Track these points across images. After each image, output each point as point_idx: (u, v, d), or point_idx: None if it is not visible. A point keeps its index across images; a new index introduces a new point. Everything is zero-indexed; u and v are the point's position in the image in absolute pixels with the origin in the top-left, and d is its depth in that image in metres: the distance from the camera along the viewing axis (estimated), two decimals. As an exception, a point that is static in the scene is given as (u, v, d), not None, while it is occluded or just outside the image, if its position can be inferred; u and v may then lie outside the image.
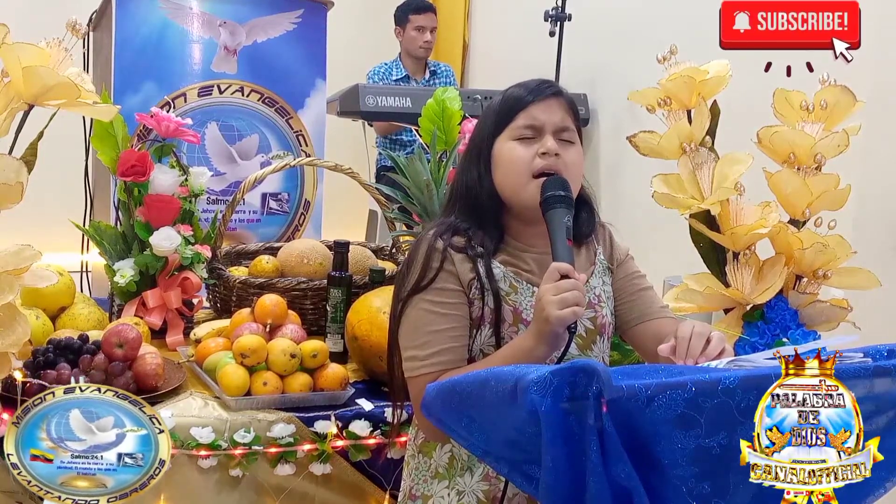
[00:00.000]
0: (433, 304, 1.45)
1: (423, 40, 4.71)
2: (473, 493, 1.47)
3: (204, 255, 2.24)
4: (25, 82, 1.62)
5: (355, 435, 1.83)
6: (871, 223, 2.67)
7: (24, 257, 1.57)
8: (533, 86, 1.50)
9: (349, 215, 4.52)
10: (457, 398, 1.18)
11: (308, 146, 3.04)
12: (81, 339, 1.87)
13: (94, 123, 2.25)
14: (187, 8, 2.86)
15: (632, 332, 1.58)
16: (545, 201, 1.44)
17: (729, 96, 1.97)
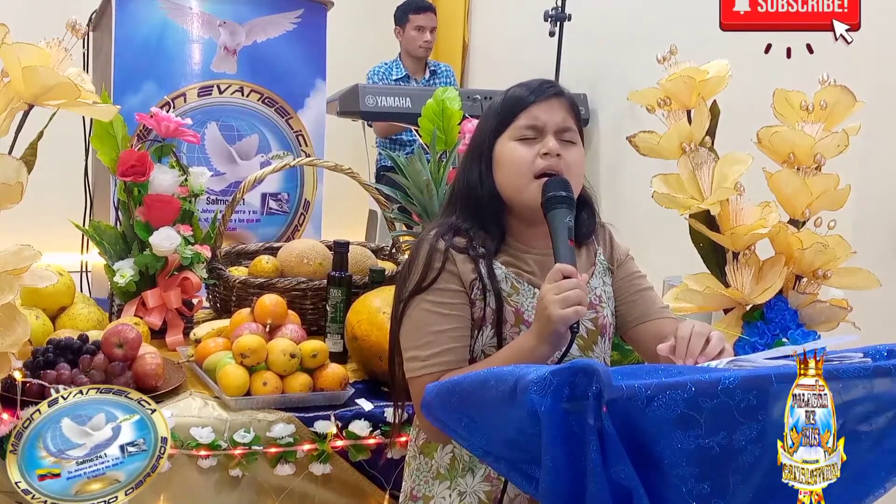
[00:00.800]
0: (435, 304, 1.45)
1: (422, 40, 4.71)
2: (475, 493, 1.47)
3: (204, 255, 2.24)
4: (25, 82, 1.62)
5: (355, 435, 1.82)
6: (871, 223, 2.67)
7: (24, 257, 1.57)
8: (535, 86, 1.50)
9: (349, 215, 4.52)
10: (456, 398, 1.18)
11: (308, 146, 3.04)
12: (81, 339, 1.87)
13: (94, 123, 2.25)
14: (187, 8, 2.85)
15: (632, 333, 1.58)
16: (546, 202, 1.43)
17: (729, 96, 1.97)
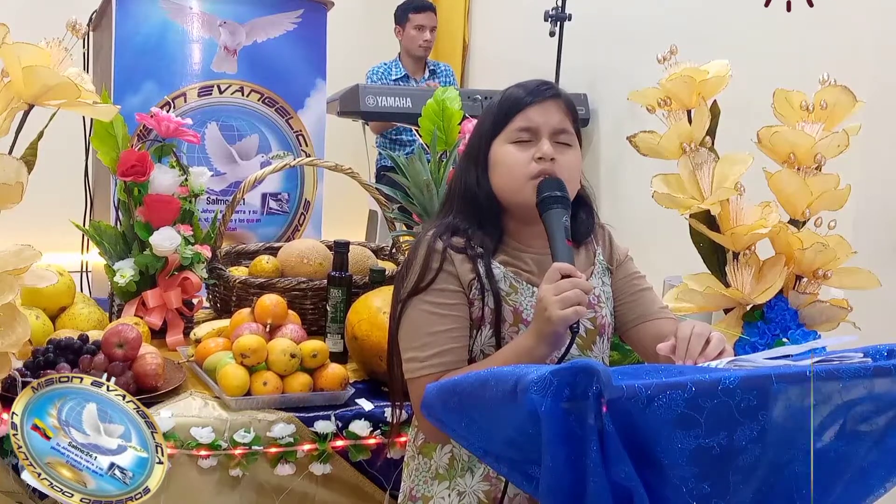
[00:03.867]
0: (433, 305, 1.45)
1: (422, 39, 4.71)
2: (474, 493, 1.47)
3: (204, 255, 2.24)
4: (25, 82, 1.62)
5: (355, 435, 1.82)
6: (871, 223, 2.67)
7: (24, 257, 1.57)
8: (531, 87, 1.49)
9: (349, 215, 4.52)
10: (456, 398, 1.18)
11: (308, 146, 3.04)
12: (81, 339, 1.87)
13: (94, 123, 2.25)
14: (187, 8, 2.86)
15: (631, 333, 1.58)
16: (541, 202, 1.43)
17: (729, 96, 1.97)
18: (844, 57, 2.67)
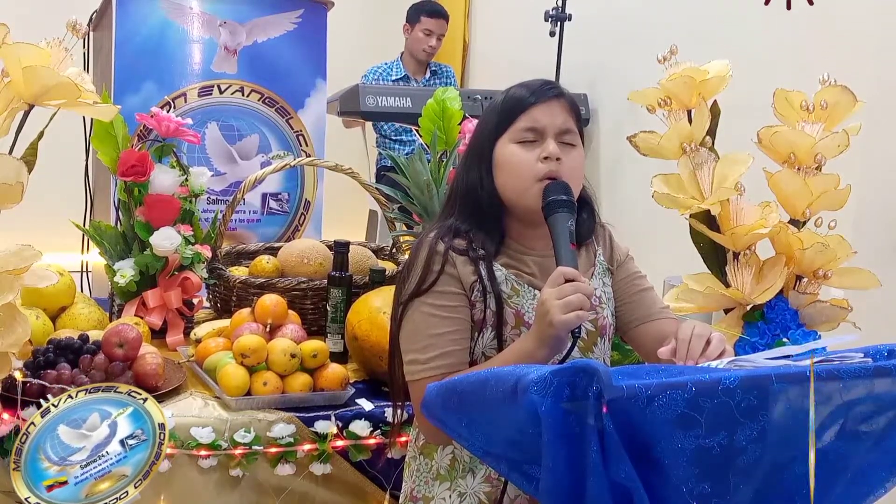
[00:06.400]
0: (434, 307, 1.45)
1: (427, 44, 4.65)
2: (475, 494, 1.47)
3: (204, 255, 2.24)
4: (25, 82, 1.62)
5: (355, 435, 1.82)
6: (871, 223, 2.67)
7: (25, 257, 1.57)
8: (535, 87, 1.49)
9: (349, 215, 4.52)
10: (457, 399, 1.18)
11: (308, 146, 3.04)
12: (81, 339, 1.87)
13: (94, 123, 2.25)
14: (187, 8, 2.85)
15: (632, 333, 1.58)
16: (547, 206, 1.43)
17: (729, 96, 1.97)
18: (844, 57, 2.67)
